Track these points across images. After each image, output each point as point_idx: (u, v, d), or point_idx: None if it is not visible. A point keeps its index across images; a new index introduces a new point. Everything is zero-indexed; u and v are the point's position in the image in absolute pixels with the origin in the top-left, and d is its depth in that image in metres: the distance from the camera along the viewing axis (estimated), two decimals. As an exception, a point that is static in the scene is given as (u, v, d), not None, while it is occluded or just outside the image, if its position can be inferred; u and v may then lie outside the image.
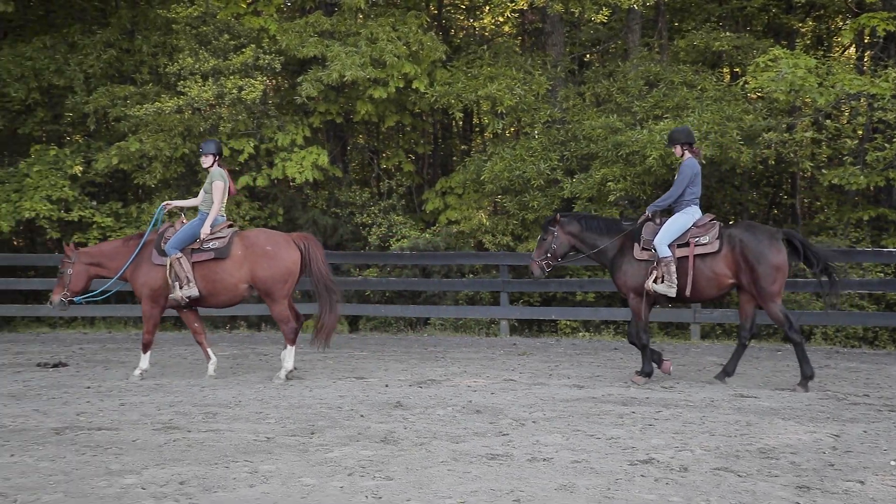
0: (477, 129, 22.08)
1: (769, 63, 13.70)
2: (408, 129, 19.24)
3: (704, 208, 15.68)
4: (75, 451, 6.85)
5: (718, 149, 13.98)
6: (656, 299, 9.74)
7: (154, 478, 6.06)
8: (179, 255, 10.07)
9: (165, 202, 10.92)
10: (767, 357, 12.33)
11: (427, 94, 16.03)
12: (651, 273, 9.56)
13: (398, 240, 16.71)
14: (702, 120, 14.03)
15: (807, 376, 9.40)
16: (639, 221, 9.91)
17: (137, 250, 10.33)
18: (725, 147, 14.00)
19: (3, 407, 8.72)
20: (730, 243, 9.44)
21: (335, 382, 10.12)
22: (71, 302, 10.52)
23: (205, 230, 10.14)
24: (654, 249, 9.55)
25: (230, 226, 10.42)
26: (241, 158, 16.13)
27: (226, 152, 16.01)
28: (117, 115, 16.72)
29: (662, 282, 9.49)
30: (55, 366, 11.54)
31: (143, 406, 8.71)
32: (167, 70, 16.34)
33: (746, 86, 14.52)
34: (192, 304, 10.38)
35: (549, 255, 10.12)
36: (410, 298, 16.72)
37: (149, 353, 10.54)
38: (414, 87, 16.06)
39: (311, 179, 16.28)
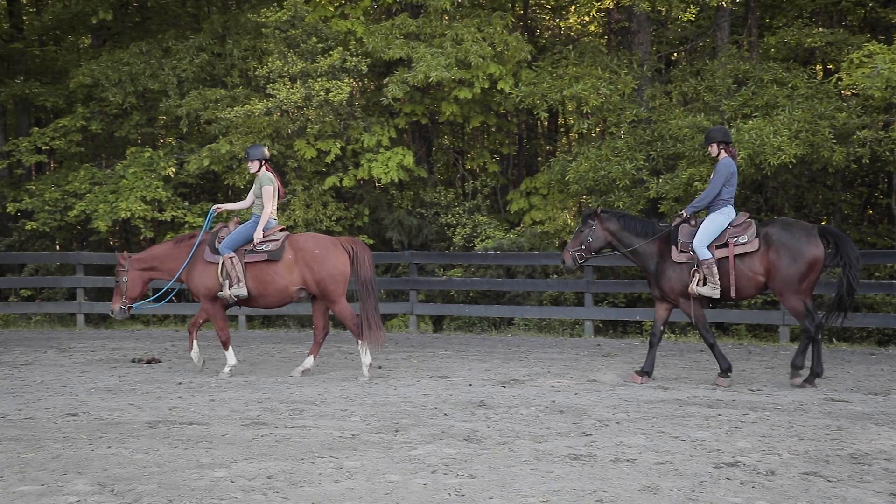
0: (563, 129, 22.00)
1: (864, 59, 13.35)
2: (493, 129, 19.28)
3: (795, 208, 15.44)
4: (168, 444, 7.06)
5: (809, 148, 13.67)
6: (702, 301, 9.71)
7: (242, 471, 6.20)
8: (232, 254, 10.36)
9: (216, 205, 11.25)
10: (860, 361, 12.02)
11: (512, 94, 16.04)
12: (693, 276, 9.52)
13: (482, 240, 16.76)
14: (792, 118, 13.73)
15: (815, 374, 9.51)
16: (674, 223, 9.87)
17: (193, 251, 10.63)
18: (817, 146, 13.69)
19: (101, 401, 9.02)
20: (766, 242, 9.42)
21: (419, 381, 10.20)
22: (130, 308, 10.81)
23: (257, 234, 10.41)
24: (694, 252, 9.51)
25: (282, 230, 10.71)
26: (328, 159, 16.38)
27: (312, 153, 16.31)
28: (209, 118, 17.13)
29: (705, 284, 9.46)
30: (148, 362, 11.87)
31: (233, 402, 8.91)
32: (257, 73, 16.68)
33: (840, 83, 14.16)
34: (241, 303, 10.69)
35: (583, 247, 10.10)
36: (494, 298, 16.75)
37: (231, 349, 10.80)
38: (499, 87, 16.08)
39: (396, 180, 16.44)
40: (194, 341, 10.91)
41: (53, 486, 5.84)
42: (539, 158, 20.76)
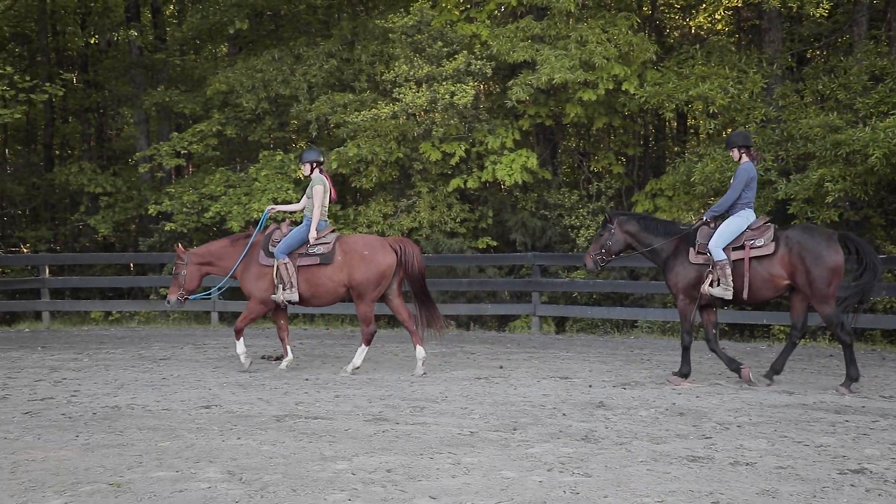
0: (692, 130, 21.64)
1: None
2: (619, 130, 19.14)
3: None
4: (293, 437, 7.33)
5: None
6: (711, 301, 9.84)
7: (363, 465, 6.40)
8: (286, 260, 10.70)
9: (270, 206, 11.59)
10: None
11: (637, 95, 15.90)
12: (707, 276, 9.67)
13: (606, 242, 16.64)
14: (935, 116, 13.18)
15: (852, 378, 9.42)
16: (694, 226, 10.04)
17: (246, 250, 10.99)
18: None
19: (232, 395, 9.41)
20: (786, 245, 9.50)
21: (539, 381, 10.26)
22: (186, 300, 11.21)
23: (312, 234, 10.75)
24: (709, 253, 9.65)
25: (332, 231, 11.07)
26: (453, 161, 16.58)
27: (437, 156, 16.53)
28: (337, 122, 17.55)
29: (718, 285, 9.60)
30: (277, 359, 12.25)
31: (356, 399, 9.16)
32: (384, 78, 17.02)
33: None
34: (292, 304, 11.03)
35: (603, 250, 10.38)
36: (618, 301, 16.64)
37: (242, 339, 11.18)
38: (623, 88, 15.96)
39: (520, 182, 16.51)
40: (288, 346, 11.32)
41: (187, 473, 6.16)
42: (667, 160, 20.48)
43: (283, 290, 10.72)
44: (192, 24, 20.30)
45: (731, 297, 9.61)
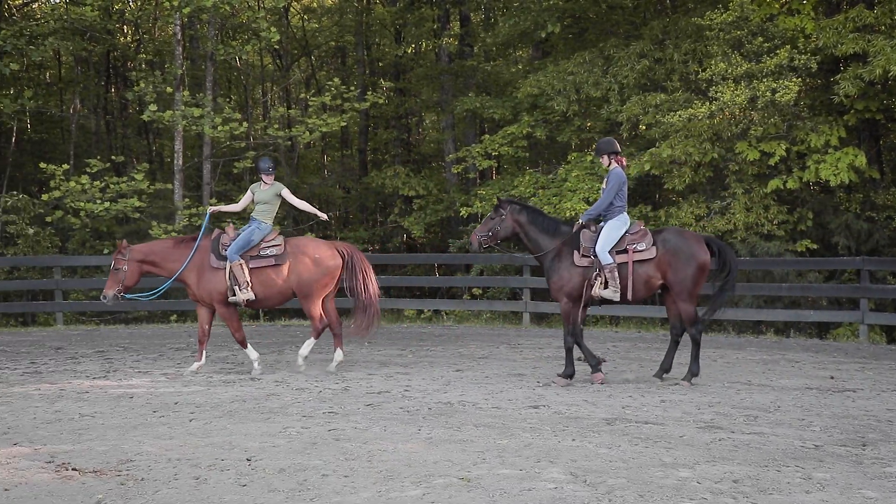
0: None
1: None
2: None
3: None
4: (628, 440, 7.27)
5: None
6: (590, 301, 10.15)
7: (706, 473, 6.23)
8: (241, 260, 10.79)
9: (212, 207, 11.76)
10: None
11: None
12: (595, 279, 9.96)
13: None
14: None
15: (693, 373, 10.16)
16: (574, 229, 10.28)
17: (192, 254, 10.95)
18: None
19: (556, 395, 9.50)
20: (664, 247, 9.99)
21: (879, 395, 9.59)
22: (123, 297, 11.05)
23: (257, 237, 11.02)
24: (596, 256, 9.95)
25: (279, 234, 11.32)
26: (772, 161, 15.85)
27: (755, 155, 15.87)
28: (649, 123, 17.32)
29: (607, 287, 9.92)
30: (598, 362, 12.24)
31: (683, 404, 8.96)
32: (699, 77, 16.59)
33: None
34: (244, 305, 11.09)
35: (490, 233, 10.55)
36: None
37: (249, 345, 11.30)
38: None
39: (846, 182, 15.52)
40: (203, 352, 11.30)
41: (531, 472, 6.27)
42: None
43: (240, 290, 10.83)
44: (504, 31, 20.80)
45: (618, 299, 9.97)
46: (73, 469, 6.44)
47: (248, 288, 10.85)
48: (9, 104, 21.24)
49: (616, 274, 9.95)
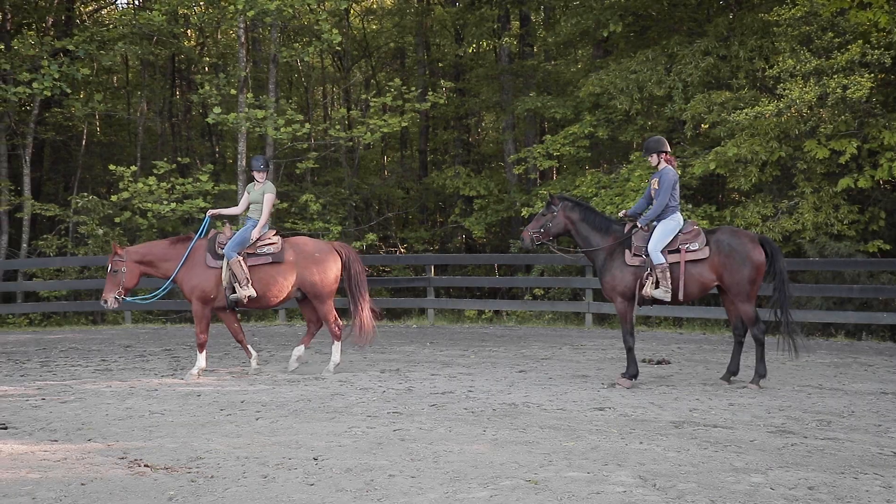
0: None
1: None
2: None
3: None
4: (696, 444, 7.15)
5: None
6: (642, 301, 10.02)
7: (780, 479, 6.09)
8: (239, 257, 10.71)
9: (210, 211, 11.58)
10: None
11: None
12: (647, 279, 9.87)
13: None
14: None
15: (760, 375, 10.00)
16: (626, 229, 10.19)
17: (187, 253, 10.85)
18: None
19: (622, 398, 9.39)
20: (717, 247, 9.85)
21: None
22: (123, 300, 10.89)
23: (255, 233, 10.92)
24: (648, 256, 9.85)
25: (276, 233, 11.25)
26: (843, 160, 15.50)
27: (824, 153, 15.55)
28: (713, 121, 17.07)
29: (658, 287, 9.81)
30: (659, 363, 12.10)
31: (752, 408, 8.80)
32: (766, 74, 16.30)
33: None
34: (244, 304, 10.96)
35: (542, 230, 10.47)
36: None
37: (204, 352, 11.08)
38: None
39: (920, 180, 15.15)
40: (248, 347, 11.50)
41: (598, 475, 6.19)
42: None
43: (241, 286, 10.73)
44: (565, 30, 20.66)
45: (669, 299, 9.87)
46: (145, 465, 6.52)
47: (249, 284, 10.80)
48: (80, 108, 21.78)
49: (668, 274, 9.86)
